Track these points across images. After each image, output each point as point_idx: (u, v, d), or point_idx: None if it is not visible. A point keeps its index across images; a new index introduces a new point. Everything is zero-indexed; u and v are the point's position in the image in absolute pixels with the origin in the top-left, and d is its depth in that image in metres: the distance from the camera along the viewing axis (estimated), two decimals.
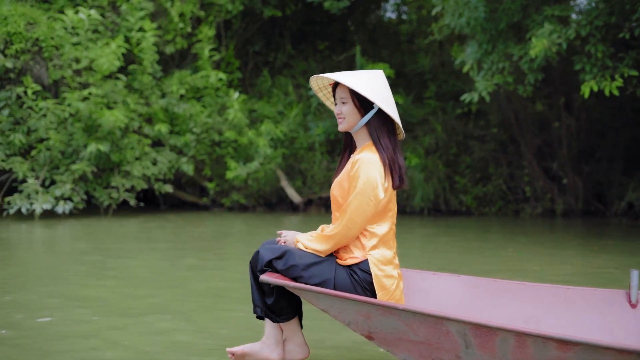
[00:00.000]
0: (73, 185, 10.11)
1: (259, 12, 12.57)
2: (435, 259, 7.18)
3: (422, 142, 11.88)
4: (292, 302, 3.26)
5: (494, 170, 11.98)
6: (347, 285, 3.14)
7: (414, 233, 9.57)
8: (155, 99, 11.09)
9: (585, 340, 2.53)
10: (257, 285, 3.28)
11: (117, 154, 10.44)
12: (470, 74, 9.01)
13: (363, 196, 3.11)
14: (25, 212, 9.77)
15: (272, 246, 3.23)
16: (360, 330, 3.07)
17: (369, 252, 3.18)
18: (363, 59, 11.70)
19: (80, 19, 10.47)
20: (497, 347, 2.72)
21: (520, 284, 3.44)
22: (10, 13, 10.36)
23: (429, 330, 2.85)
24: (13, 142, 10.01)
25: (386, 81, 3.26)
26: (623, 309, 3.26)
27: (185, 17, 11.62)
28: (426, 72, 12.47)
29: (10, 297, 4.94)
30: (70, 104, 10.11)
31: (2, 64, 10.12)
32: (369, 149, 3.20)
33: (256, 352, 3.30)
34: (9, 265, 6.41)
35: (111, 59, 10.28)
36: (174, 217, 10.67)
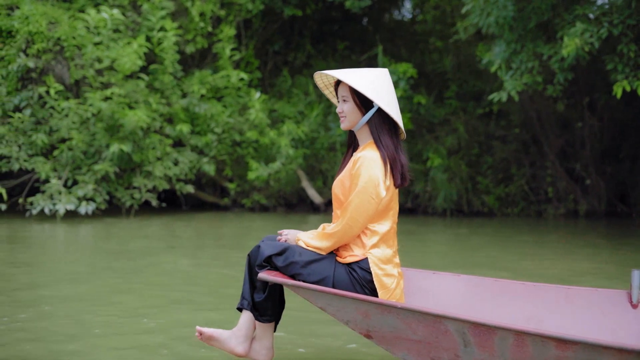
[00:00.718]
0: (95, 186, 10.05)
1: (279, 11, 12.50)
2: (463, 262, 7.09)
3: (444, 142, 11.79)
4: (277, 305, 3.26)
5: (516, 171, 11.88)
6: (346, 283, 3.12)
7: (443, 234, 9.48)
8: (175, 99, 11.03)
9: (584, 340, 2.51)
10: (250, 278, 3.26)
11: (138, 154, 10.38)
12: (499, 73, 8.91)
13: (365, 194, 3.10)
14: (48, 213, 9.70)
15: (273, 242, 3.22)
16: (359, 329, 3.05)
17: (369, 250, 3.16)
18: (385, 59, 11.61)
19: (102, 18, 10.41)
20: (496, 346, 2.71)
21: (521, 284, 3.43)
22: (32, 12, 10.30)
23: (427, 329, 2.85)
24: (35, 142, 9.95)
25: (390, 80, 3.25)
26: (624, 309, 3.24)
27: (205, 17, 11.56)
28: (447, 71, 12.37)
29: (40, 296, 4.88)
30: (92, 104, 10.04)
31: (24, 64, 10.07)
32: (370, 147, 3.19)
33: (224, 339, 3.28)
34: (35, 266, 6.35)
35: (133, 59, 10.21)
36: (196, 218, 10.59)
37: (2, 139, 9.92)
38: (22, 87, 10.37)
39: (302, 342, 3.92)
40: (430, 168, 11.51)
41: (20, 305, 4.71)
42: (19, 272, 5.96)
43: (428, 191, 11.66)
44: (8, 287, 5.28)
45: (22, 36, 10.19)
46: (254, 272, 3.23)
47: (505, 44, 8.75)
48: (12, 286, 5.33)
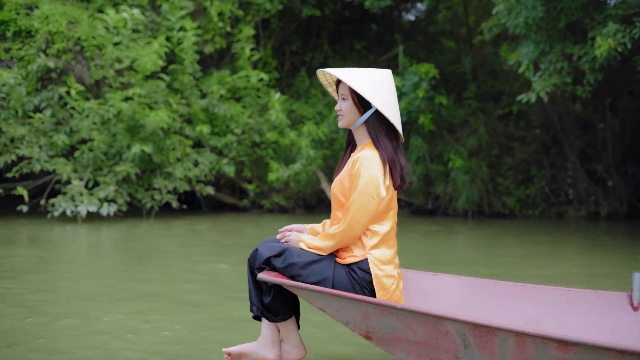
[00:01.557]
0: (116, 187, 9.95)
1: (298, 11, 12.41)
2: (488, 263, 7.01)
3: (464, 143, 11.70)
4: (289, 301, 3.23)
5: (536, 172, 11.79)
6: (345, 284, 3.10)
7: (468, 236, 9.40)
8: (194, 100, 10.94)
9: (585, 341, 2.49)
10: (254, 283, 3.25)
11: (159, 155, 10.28)
12: (526, 74, 8.83)
13: (365, 194, 3.08)
14: (69, 214, 9.61)
15: (271, 244, 3.20)
16: (359, 330, 3.03)
17: (369, 251, 3.14)
18: (405, 60, 11.52)
19: (122, 18, 10.32)
20: (497, 348, 2.69)
21: (521, 286, 3.41)
22: (51, 12, 10.22)
23: (427, 330, 2.83)
24: (56, 143, 9.86)
25: (392, 82, 3.24)
26: (625, 312, 3.23)
27: (224, 16, 11.47)
28: (467, 72, 12.28)
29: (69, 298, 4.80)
30: (113, 105, 9.95)
31: (45, 64, 9.98)
32: (369, 147, 3.18)
33: (252, 351, 3.27)
34: (60, 267, 6.27)
35: (154, 59, 10.13)
36: (217, 219, 10.50)
37: (23, 139, 9.82)
38: (41, 87, 10.29)
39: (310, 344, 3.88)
40: (451, 169, 11.42)
41: (45, 306, 4.65)
42: (45, 273, 5.88)
43: (449, 192, 11.57)
44: (33, 288, 5.20)
45: (41, 36, 10.11)
46: (255, 276, 3.21)
47: (533, 44, 8.66)
48: (36, 287, 5.25)
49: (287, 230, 3.37)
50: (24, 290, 5.21)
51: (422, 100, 10.93)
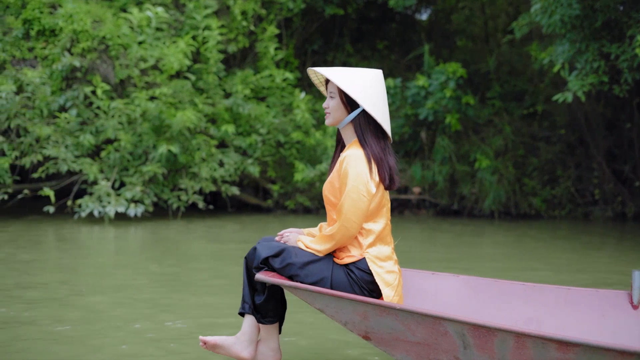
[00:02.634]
0: (143, 188, 9.84)
1: (320, 10, 12.31)
2: (521, 266, 6.91)
3: (490, 143, 11.59)
4: (279, 305, 3.24)
5: (561, 173, 11.70)
6: (344, 284, 3.10)
7: (497, 237, 9.29)
8: (218, 99, 10.83)
9: (585, 342, 2.48)
10: (249, 281, 3.25)
11: (184, 155, 10.17)
12: (561, 73, 8.72)
13: (355, 193, 3.08)
14: (97, 215, 9.49)
15: (270, 243, 3.20)
16: (357, 331, 3.02)
17: (366, 250, 3.14)
18: (431, 59, 11.42)
19: (147, 16, 10.21)
20: (496, 348, 2.68)
21: (521, 285, 3.40)
22: (75, 11, 10.11)
23: (426, 330, 2.82)
24: (82, 143, 9.74)
25: (381, 82, 3.24)
26: (625, 310, 3.23)
27: (247, 15, 11.37)
28: (490, 71, 12.18)
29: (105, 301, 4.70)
30: (139, 104, 9.84)
31: (70, 63, 9.86)
32: (355, 145, 3.19)
33: (228, 345, 3.27)
34: (93, 268, 6.17)
35: (180, 58, 10.02)
36: (243, 220, 10.39)
37: (48, 139, 9.71)
38: (66, 86, 10.18)
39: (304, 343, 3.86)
40: (477, 169, 11.31)
41: (78, 307, 4.55)
42: (77, 275, 5.78)
43: (475, 193, 11.47)
44: (71, 290, 5.10)
45: (66, 35, 10.00)
46: (251, 274, 3.22)
47: (568, 43, 8.55)
48: (74, 289, 5.15)
49: (287, 232, 3.35)
50: (71, 294, 5.11)
51: (450, 100, 10.82)
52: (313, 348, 3.86)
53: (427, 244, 8.58)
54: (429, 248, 8.22)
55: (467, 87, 11.61)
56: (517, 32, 9.91)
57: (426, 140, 11.64)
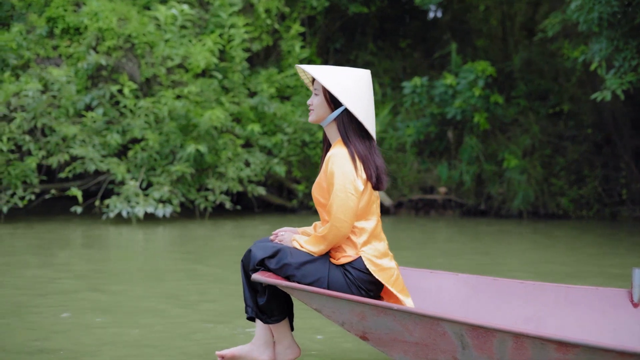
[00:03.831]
0: (171, 188, 9.70)
1: (344, 8, 12.18)
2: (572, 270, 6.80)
3: (517, 142, 11.47)
4: (283, 303, 3.22)
5: (588, 172, 11.57)
6: (341, 284, 3.09)
7: (529, 237, 9.16)
8: (243, 98, 10.70)
9: (585, 342, 2.47)
10: (248, 284, 3.22)
11: (210, 155, 10.03)
12: (599, 71, 8.60)
13: (343, 192, 3.07)
14: (125, 216, 9.36)
15: (265, 244, 3.19)
16: (355, 331, 3.01)
17: (361, 249, 3.13)
18: (458, 57, 11.30)
19: (172, 14, 10.09)
20: (495, 349, 2.66)
21: (520, 283, 3.38)
22: (100, 9, 9.98)
23: (424, 330, 2.80)
24: (109, 143, 9.61)
25: (367, 82, 3.23)
26: (625, 309, 3.22)
27: (271, 13, 11.25)
28: (515, 70, 12.05)
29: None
30: (166, 103, 9.70)
31: (96, 61, 9.73)
32: (339, 144, 3.18)
33: (246, 354, 3.26)
34: (126, 270, 6.05)
35: (207, 56, 9.89)
36: (270, 220, 10.26)
37: (74, 138, 9.57)
38: (91, 85, 10.05)
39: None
40: (505, 169, 11.19)
41: (112, 309, 4.42)
42: (112, 277, 5.67)
43: (502, 193, 11.35)
44: (104, 291, 4.98)
45: (91, 33, 9.87)
46: (249, 277, 3.19)
47: (606, 41, 8.43)
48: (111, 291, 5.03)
49: (281, 231, 3.34)
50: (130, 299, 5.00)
51: (478, 99, 10.70)
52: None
53: (470, 245, 8.47)
54: (471, 249, 8.11)
55: (494, 86, 11.49)
56: (549, 30, 9.79)
57: (452, 140, 11.52)
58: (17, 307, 4.58)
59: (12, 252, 7.17)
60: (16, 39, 10.00)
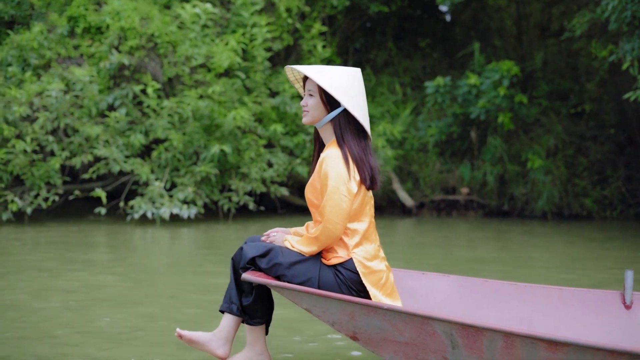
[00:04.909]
0: (195, 189, 9.60)
1: (365, 7, 12.08)
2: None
3: (541, 143, 11.37)
4: (266, 306, 3.21)
5: (611, 173, 11.48)
6: (332, 284, 3.07)
7: (557, 239, 9.06)
8: (264, 98, 10.60)
9: (575, 341, 2.47)
10: (236, 282, 3.20)
11: (233, 156, 9.92)
12: (631, 71, 8.50)
13: (336, 194, 3.05)
14: (150, 217, 9.26)
15: (257, 243, 3.17)
16: (345, 331, 3.00)
17: (352, 250, 3.11)
18: (481, 57, 11.21)
19: (195, 13, 9.98)
20: (485, 348, 2.65)
21: (512, 284, 3.38)
22: (122, 8, 9.88)
23: (414, 330, 2.80)
24: (132, 143, 9.50)
25: (360, 80, 3.20)
26: (617, 310, 3.22)
27: (291, 12, 11.15)
28: (537, 69, 11.96)
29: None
30: (190, 103, 9.59)
31: (119, 61, 9.63)
32: (333, 145, 3.15)
33: (204, 342, 3.23)
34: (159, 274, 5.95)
35: (231, 56, 9.79)
36: (296, 221, 10.15)
37: (97, 139, 9.47)
38: (113, 85, 9.95)
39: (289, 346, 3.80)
40: (528, 169, 11.10)
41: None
42: (179, 287, 5.58)
43: (525, 193, 11.25)
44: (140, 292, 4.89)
45: (113, 32, 9.77)
46: (239, 275, 3.16)
47: (638, 40, 8.33)
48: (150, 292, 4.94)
49: (273, 231, 3.31)
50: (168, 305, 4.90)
51: (503, 98, 10.60)
52: None
53: (496, 245, 8.38)
54: (497, 250, 8.02)
55: (518, 86, 11.39)
56: (577, 29, 9.69)
57: (475, 140, 11.42)
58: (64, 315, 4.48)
59: (34, 251, 7.07)
60: (37, 39, 9.90)
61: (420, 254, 7.53)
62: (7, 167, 9.14)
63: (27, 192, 9.39)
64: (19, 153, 9.07)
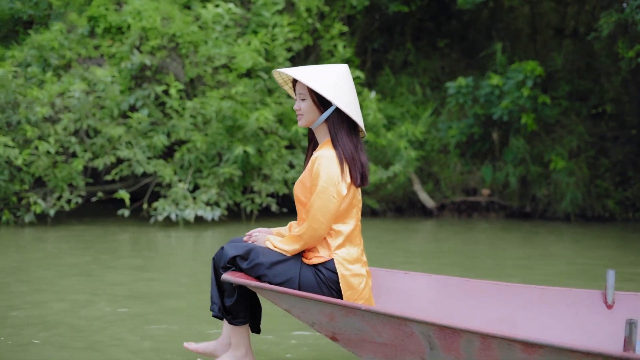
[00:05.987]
0: (218, 190, 9.50)
1: (384, 7, 11.99)
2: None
3: (563, 144, 11.28)
4: (249, 306, 3.20)
5: (633, 174, 11.40)
6: (312, 284, 3.07)
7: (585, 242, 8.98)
8: (285, 99, 10.51)
9: (550, 343, 2.49)
10: (217, 282, 3.20)
11: (255, 157, 9.83)
12: None
13: (325, 194, 3.05)
14: (174, 219, 9.17)
15: (238, 244, 3.17)
16: (325, 331, 3.00)
17: (334, 251, 3.10)
18: (503, 57, 11.12)
19: (218, 13, 9.89)
20: (462, 349, 2.67)
21: (494, 284, 3.38)
22: (144, 7, 9.79)
23: (392, 331, 2.81)
24: (155, 144, 9.40)
25: (349, 77, 3.20)
26: (599, 310, 3.24)
27: (311, 12, 11.06)
28: (558, 70, 11.86)
29: None
30: (213, 104, 9.49)
31: (140, 61, 9.54)
32: (327, 145, 3.15)
33: (210, 352, 3.27)
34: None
35: (254, 56, 9.69)
36: None
37: (119, 140, 9.37)
38: (135, 85, 9.85)
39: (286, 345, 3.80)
40: (551, 171, 11.00)
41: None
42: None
43: (547, 195, 11.16)
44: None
45: (135, 32, 9.67)
46: (219, 275, 3.17)
47: None
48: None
49: (255, 232, 3.31)
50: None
51: (527, 99, 10.51)
52: None
53: (522, 247, 8.30)
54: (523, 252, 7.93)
55: (539, 87, 11.29)
56: (605, 29, 9.60)
57: (497, 141, 11.32)
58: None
59: (58, 255, 6.98)
60: (58, 39, 9.80)
61: (440, 258, 7.47)
62: (30, 169, 9.04)
63: (49, 194, 9.29)
64: (41, 155, 8.97)
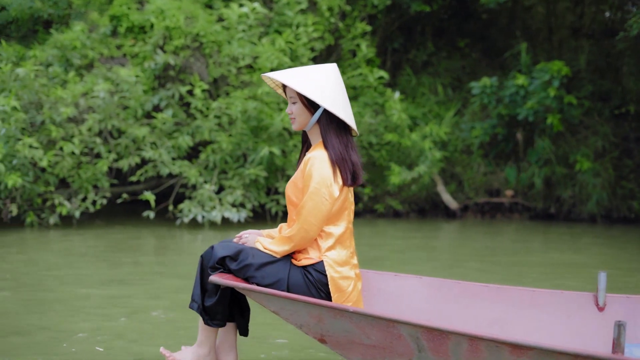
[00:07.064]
0: (244, 191, 9.39)
1: (406, 7, 11.87)
2: None
3: (588, 144, 11.17)
4: (229, 307, 3.17)
5: None
6: (301, 286, 3.05)
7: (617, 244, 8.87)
8: None
9: (538, 345, 2.49)
10: (201, 281, 3.17)
11: (281, 158, 9.72)
12: None
13: (317, 195, 3.04)
14: (200, 221, 9.05)
15: (228, 244, 3.15)
16: (313, 333, 2.99)
17: (324, 253, 3.09)
18: (528, 57, 11.01)
19: (243, 12, 9.78)
20: (450, 352, 2.66)
21: (484, 286, 3.36)
22: (166, 7, 9.68)
23: (381, 333, 2.80)
24: (179, 145, 9.29)
25: (338, 76, 3.19)
26: (590, 312, 3.24)
27: (333, 12, 10.95)
28: (581, 70, 11.75)
29: None
30: (238, 105, 9.38)
31: (164, 61, 9.43)
32: (320, 147, 3.14)
33: (197, 357, 3.19)
34: None
35: (280, 56, 9.58)
36: None
37: (143, 140, 9.25)
38: (158, 85, 9.74)
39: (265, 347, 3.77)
40: (576, 171, 10.89)
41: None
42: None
43: (572, 196, 11.04)
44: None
45: (158, 32, 9.56)
46: (205, 274, 3.14)
47: None
48: None
49: (245, 233, 3.28)
50: None
51: (553, 99, 10.40)
52: None
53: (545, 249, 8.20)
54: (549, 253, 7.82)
55: (564, 87, 11.19)
56: (634, 29, 9.50)
57: (521, 142, 11.21)
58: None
59: (83, 256, 6.88)
60: (80, 38, 9.69)
61: (465, 257, 7.38)
62: (54, 170, 8.92)
63: (73, 195, 9.18)
64: (66, 155, 8.86)
